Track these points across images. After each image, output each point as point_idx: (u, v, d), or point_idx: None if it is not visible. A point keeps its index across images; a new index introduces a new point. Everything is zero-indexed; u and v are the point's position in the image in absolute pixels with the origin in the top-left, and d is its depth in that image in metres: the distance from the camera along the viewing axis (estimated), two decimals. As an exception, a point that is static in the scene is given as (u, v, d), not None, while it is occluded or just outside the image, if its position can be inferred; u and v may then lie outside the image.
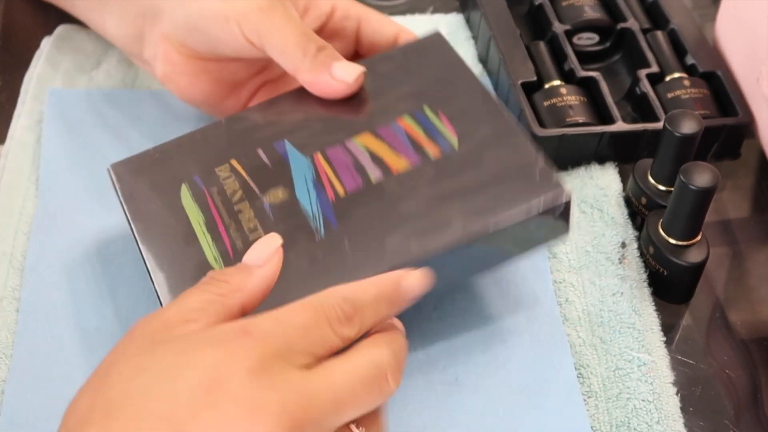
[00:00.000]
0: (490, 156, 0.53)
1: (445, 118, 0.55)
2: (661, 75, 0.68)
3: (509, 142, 0.53)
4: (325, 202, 0.53)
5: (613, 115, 0.65)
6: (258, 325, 0.42)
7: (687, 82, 0.67)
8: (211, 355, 0.41)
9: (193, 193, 0.55)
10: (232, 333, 0.42)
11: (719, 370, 0.57)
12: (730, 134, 0.65)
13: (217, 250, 0.52)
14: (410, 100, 0.57)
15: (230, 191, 0.55)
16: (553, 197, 0.51)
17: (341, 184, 0.54)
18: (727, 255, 0.63)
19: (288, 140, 0.56)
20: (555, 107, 0.65)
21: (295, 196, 0.54)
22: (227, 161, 0.56)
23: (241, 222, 0.53)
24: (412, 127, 0.55)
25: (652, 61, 0.69)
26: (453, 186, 0.52)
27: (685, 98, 0.66)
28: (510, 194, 0.51)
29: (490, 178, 0.52)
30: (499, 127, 0.54)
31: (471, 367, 0.55)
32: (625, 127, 0.64)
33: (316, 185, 0.54)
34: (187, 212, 0.54)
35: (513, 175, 0.52)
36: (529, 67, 0.68)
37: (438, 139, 0.54)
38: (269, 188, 0.54)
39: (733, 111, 0.66)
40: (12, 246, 0.60)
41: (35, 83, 0.70)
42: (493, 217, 0.50)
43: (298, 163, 0.55)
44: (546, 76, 0.68)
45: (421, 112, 0.56)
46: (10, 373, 0.54)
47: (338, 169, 0.54)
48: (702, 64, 0.68)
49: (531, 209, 0.51)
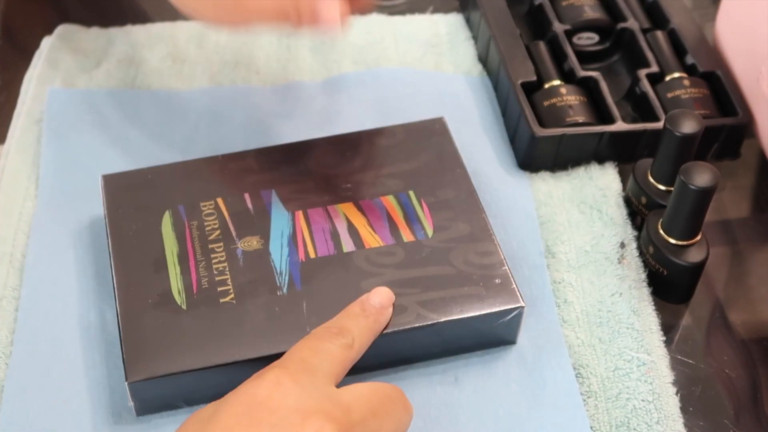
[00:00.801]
0: (458, 253, 0.56)
1: (426, 208, 0.58)
2: (661, 75, 0.68)
3: (480, 243, 0.56)
4: (294, 261, 0.55)
5: (613, 114, 0.65)
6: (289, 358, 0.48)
7: (687, 82, 0.67)
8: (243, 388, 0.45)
9: (174, 222, 0.57)
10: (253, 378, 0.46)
11: (719, 370, 0.57)
12: (730, 134, 0.65)
13: (183, 284, 0.54)
14: (399, 180, 0.59)
15: (209, 229, 0.57)
16: (507, 307, 0.53)
17: (314, 246, 0.56)
18: (727, 255, 0.63)
19: (276, 191, 0.59)
20: (555, 107, 0.65)
21: (268, 248, 0.56)
22: (214, 198, 0.58)
23: (212, 261, 0.55)
24: (393, 208, 0.58)
25: (652, 61, 0.69)
26: (416, 274, 0.55)
27: (685, 98, 0.66)
28: (466, 294, 0.54)
29: (452, 274, 0.55)
30: (474, 227, 0.57)
31: (471, 368, 0.55)
32: (625, 127, 0.64)
33: (290, 242, 0.56)
34: (164, 239, 0.56)
35: (475, 276, 0.54)
36: (529, 67, 0.68)
37: (415, 225, 0.57)
38: (246, 235, 0.56)
39: (733, 111, 0.66)
40: (12, 246, 0.60)
41: (35, 83, 0.70)
42: (445, 313, 0.53)
43: (279, 217, 0.57)
44: (546, 76, 0.68)
45: (405, 196, 0.59)
46: (9, 371, 0.54)
47: (315, 232, 0.57)
48: (702, 64, 0.68)
49: (483, 312, 0.53)
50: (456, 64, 0.73)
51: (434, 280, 0.54)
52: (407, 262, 0.55)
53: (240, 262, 0.55)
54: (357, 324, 0.51)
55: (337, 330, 0.49)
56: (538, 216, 0.62)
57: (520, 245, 0.60)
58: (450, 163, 0.60)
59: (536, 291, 0.58)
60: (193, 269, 0.55)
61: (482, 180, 0.64)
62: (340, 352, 0.48)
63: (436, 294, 0.54)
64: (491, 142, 0.67)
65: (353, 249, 0.56)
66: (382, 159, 0.61)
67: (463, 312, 0.53)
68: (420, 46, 0.74)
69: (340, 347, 0.48)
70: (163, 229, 0.57)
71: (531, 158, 0.64)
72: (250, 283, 0.54)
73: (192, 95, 0.70)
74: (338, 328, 0.50)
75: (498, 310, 0.53)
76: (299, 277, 0.54)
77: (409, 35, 0.75)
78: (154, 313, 0.53)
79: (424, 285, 0.54)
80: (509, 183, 0.64)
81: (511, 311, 0.53)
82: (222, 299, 0.53)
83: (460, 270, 0.55)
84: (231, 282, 0.54)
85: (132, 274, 0.55)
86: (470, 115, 0.69)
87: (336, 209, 0.58)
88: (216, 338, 0.52)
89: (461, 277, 0.54)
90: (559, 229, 0.62)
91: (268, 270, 0.55)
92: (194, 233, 0.57)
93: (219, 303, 0.53)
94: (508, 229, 0.61)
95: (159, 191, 0.59)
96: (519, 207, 0.63)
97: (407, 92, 0.70)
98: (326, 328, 0.50)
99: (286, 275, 0.54)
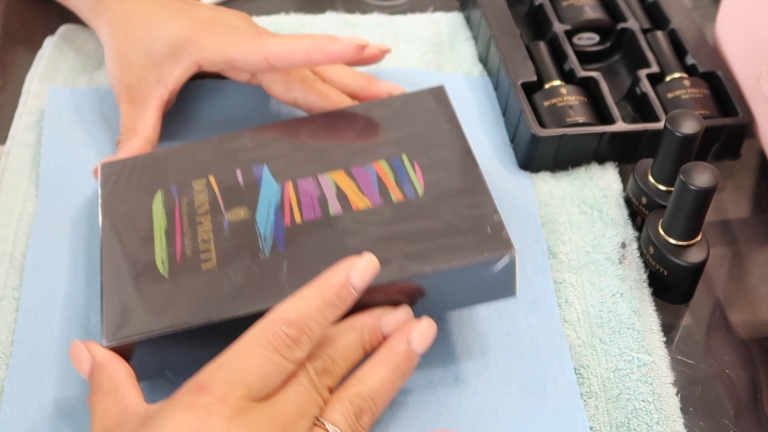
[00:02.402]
0: (449, 207, 0.53)
1: (418, 168, 0.56)
2: (661, 75, 0.68)
3: (471, 196, 0.54)
4: (279, 227, 0.54)
5: (613, 115, 0.65)
6: (211, 378, 0.44)
7: (687, 82, 0.67)
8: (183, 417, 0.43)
9: (165, 200, 0.57)
10: (191, 393, 0.44)
11: (719, 370, 0.57)
12: (730, 134, 0.65)
13: (167, 254, 0.54)
14: (393, 146, 0.58)
15: (198, 203, 0.57)
16: (497, 254, 0.50)
17: (300, 212, 0.55)
18: (727, 255, 0.63)
19: (267, 165, 0.58)
20: (555, 107, 0.65)
21: (254, 217, 0.55)
22: (206, 176, 0.58)
23: (197, 232, 0.55)
24: (385, 171, 0.56)
25: (652, 61, 0.69)
26: (404, 229, 0.52)
27: (685, 98, 0.66)
28: (454, 244, 0.51)
29: (441, 227, 0.52)
30: (467, 182, 0.55)
31: (471, 368, 0.55)
32: (625, 127, 0.64)
33: (277, 210, 0.55)
34: (154, 216, 0.56)
35: (464, 226, 0.52)
36: (529, 67, 0.68)
37: (405, 185, 0.55)
38: (234, 206, 0.56)
39: (733, 111, 0.66)
40: (12, 246, 0.60)
41: (37, 83, 0.70)
42: (431, 262, 0.50)
43: (268, 189, 0.57)
44: (546, 76, 0.68)
45: (398, 159, 0.57)
46: (10, 371, 0.54)
47: (302, 199, 0.55)
48: (702, 64, 0.68)
49: (471, 261, 0.50)
50: (456, 64, 0.73)
51: (420, 234, 0.52)
52: (394, 219, 0.53)
53: (226, 232, 0.55)
54: (324, 323, 0.46)
55: (296, 334, 0.45)
56: (539, 216, 0.62)
57: (523, 246, 0.60)
58: (446, 126, 0.59)
59: (539, 291, 0.58)
60: (178, 241, 0.55)
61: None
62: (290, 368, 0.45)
63: (423, 245, 0.51)
64: (491, 142, 0.67)
65: (340, 212, 0.54)
66: (377, 128, 0.60)
67: (449, 261, 0.50)
68: (421, 46, 0.74)
69: (293, 363, 0.45)
70: (154, 207, 0.57)
71: (531, 158, 0.64)
72: (232, 249, 0.53)
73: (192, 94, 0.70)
74: (298, 329, 0.45)
75: (487, 258, 0.50)
76: (283, 241, 0.53)
77: (409, 35, 0.75)
78: (136, 282, 0.53)
79: (410, 238, 0.51)
80: (510, 183, 0.64)
81: (501, 258, 0.50)
82: (203, 265, 0.53)
83: (449, 222, 0.52)
84: (214, 249, 0.54)
85: (119, 248, 0.55)
86: (470, 115, 0.69)
87: (326, 177, 0.57)
88: (193, 302, 0.51)
89: (450, 228, 0.52)
90: (560, 229, 0.62)
91: (252, 237, 0.54)
92: (183, 209, 0.57)
93: (200, 269, 0.53)
94: (510, 230, 0.61)
95: (153, 173, 0.59)
96: (521, 207, 0.63)
97: (408, 92, 0.70)
98: (283, 332, 0.45)
99: (270, 240, 0.54)
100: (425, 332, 0.50)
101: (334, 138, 0.59)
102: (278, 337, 0.45)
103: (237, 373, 0.44)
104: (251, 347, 0.45)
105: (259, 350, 0.45)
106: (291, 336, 0.45)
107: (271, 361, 0.44)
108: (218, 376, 0.44)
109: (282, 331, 0.45)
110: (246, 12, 0.66)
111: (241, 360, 0.44)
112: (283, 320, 0.45)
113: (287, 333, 0.45)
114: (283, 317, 0.46)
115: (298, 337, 0.45)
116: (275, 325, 0.45)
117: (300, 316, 0.46)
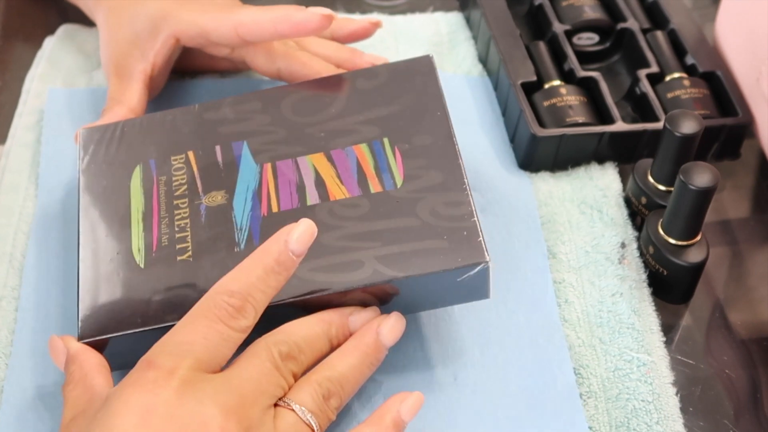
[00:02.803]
0: (426, 204, 0.53)
1: (399, 156, 0.55)
2: (660, 75, 0.68)
3: (450, 193, 0.53)
4: (255, 216, 0.54)
5: (612, 115, 0.65)
6: (159, 354, 0.45)
7: (687, 82, 0.67)
8: (132, 394, 0.43)
9: (143, 177, 0.57)
10: (140, 370, 0.44)
11: (719, 370, 0.57)
12: (730, 134, 0.65)
13: (144, 242, 0.54)
14: (375, 127, 0.57)
15: (176, 184, 0.56)
16: (471, 262, 0.50)
17: (278, 200, 0.54)
18: (727, 255, 0.63)
19: (247, 142, 0.57)
20: (555, 107, 0.65)
21: (231, 203, 0.55)
22: (185, 152, 0.58)
23: (175, 218, 0.55)
24: (365, 156, 0.56)
25: (652, 61, 0.69)
26: (379, 227, 0.52)
27: (685, 98, 0.66)
28: (429, 248, 0.51)
29: (416, 227, 0.52)
30: (447, 175, 0.54)
31: (470, 368, 0.55)
32: (625, 127, 0.64)
33: (254, 196, 0.55)
34: (132, 196, 0.56)
35: (440, 228, 0.51)
36: (529, 67, 0.68)
37: (384, 174, 0.55)
38: (212, 189, 0.56)
39: (732, 111, 0.66)
40: (12, 246, 0.60)
41: (37, 82, 0.70)
42: (405, 269, 0.50)
43: (247, 170, 0.56)
44: (546, 76, 0.68)
45: (379, 144, 0.56)
46: (9, 371, 0.54)
47: (281, 185, 0.55)
48: (702, 64, 0.68)
49: (445, 267, 0.50)
50: (456, 64, 0.73)
51: (396, 233, 0.51)
52: (371, 215, 0.53)
53: (202, 219, 0.55)
54: (267, 291, 0.47)
55: (240, 303, 0.46)
56: (539, 216, 0.62)
57: (523, 246, 0.60)
58: (431, 106, 0.58)
59: (538, 291, 0.58)
60: (155, 227, 0.55)
61: (483, 180, 0.64)
62: (236, 337, 0.46)
63: (397, 248, 0.51)
64: (491, 142, 0.67)
65: (317, 202, 0.54)
66: (360, 104, 0.59)
67: (422, 268, 0.50)
68: (421, 46, 0.74)
69: (238, 332, 0.46)
70: (132, 185, 0.57)
71: (531, 158, 0.64)
72: (208, 240, 0.53)
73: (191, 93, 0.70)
74: (241, 298, 0.46)
75: (459, 265, 0.50)
76: (258, 233, 0.53)
77: (409, 35, 0.75)
78: (112, 272, 0.53)
79: (385, 238, 0.51)
80: (510, 183, 0.64)
81: (474, 267, 0.50)
82: (179, 257, 0.53)
83: (425, 222, 0.52)
84: (190, 239, 0.54)
85: (96, 231, 0.55)
86: (470, 115, 0.69)
87: (305, 160, 0.56)
88: (168, 298, 0.51)
89: (425, 229, 0.51)
90: (560, 229, 0.61)
91: (228, 226, 0.54)
92: (161, 189, 0.56)
93: (176, 261, 0.53)
94: (510, 230, 0.61)
95: (132, 145, 0.59)
96: (521, 207, 0.63)
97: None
98: (226, 302, 0.46)
99: (246, 231, 0.53)
100: (394, 326, 0.50)
101: (317, 113, 0.59)
102: (221, 307, 0.46)
103: (183, 346, 0.45)
104: (196, 320, 0.46)
105: (204, 321, 0.45)
106: (234, 305, 0.46)
107: (217, 330, 0.45)
108: (165, 351, 0.44)
109: (224, 301, 0.46)
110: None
111: (187, 333, 0.45)
112: (225, 291, 0.46)
113: (230, 302, 0.46)
114: (225, 288, 0.46)
115: (242, 305, 0.46)
116: (217, 296, 0.46)
117: (242, 285, 0.46)
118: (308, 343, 0.49)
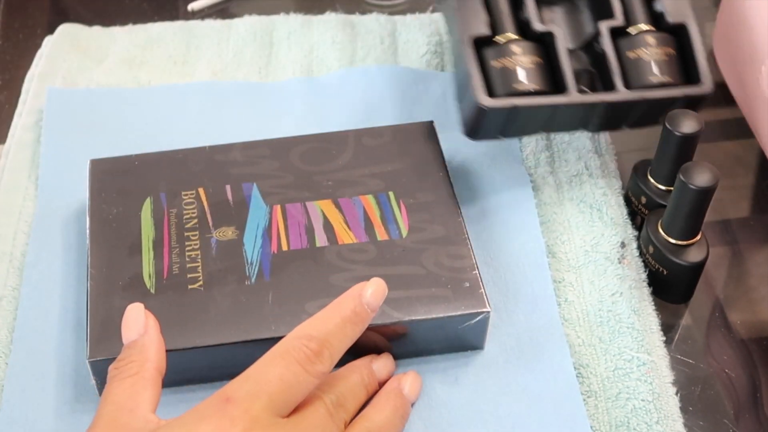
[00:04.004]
0: (430, 254, 0.56)
1: (404, 208, 0.58)
2: (624, 27, 0.62)
3: (453, 246, 0.56)
4: (266, 253, 0.56)
5: (567, 82, 0.59)
6: (237, 390, 0.44)
7: (651, 39, 0.61)
8: (207, 428, 0.42)
9: (154, 209, 0.58)
10: (216, 404, 0.44)
11: (719, 369, 0.57)
12: (688, 105, 0.60)
13: (154, 269, 0.55)
14: (380, 181, 0.60)
15: (187, 217, 0.57)
16: (473, 311, 0.53)
17: (287, 239, 0.56)
18: (727, 255, 0.63)
19: (257, 184, 0.59)
20: (506, 71, 0.59)
21: (242, 239, 0.56)
22: (195, 188, 0.59)
23: (186, 249, 0.56)
24: (371, 206, 0.58)
25: (617, 8, 0.62)
26: (386, 272, 0.54)
27: (646, 60, 0.61)
28: (434, 295, 0.54)
29: (422, 275, 0.55)
30: (449, 230, 0.57)
31: (471, 368, 0.55)
32: (579, 99, 0.59)
33: (264, 234, 0.56)
34: (142, 225, 0.57)
35: (444, 278, 0.54)
36: (482, 18, 0.61)
37: (390, 225, 0.57)
38: (222, 225, 0.57)
39: (695, 77, 0.61)
40: (12, 246, 0.60)
41: (36, 82, 0.70)
42: (411, 312, 0.53)
43: (257, 210, 0.58)
44: (500, 27, 0.61)
45: (385, 196, 0.59)
46: (9, 371, 0.54)
47: (290, 226, 0.57)
48: (671, 14, 0.62)
49: (449, 314, 0.53)
50: (456, 63, 0.73)
51: (403, 279, 0.54)
52: (378, 260, 0.55)
53: (213, 251, 0.56)
54: (344, 339, 0.47)
55: (318, 347, 0.46)
56: (538, 215, 0.62)
57: (522, 245, 0.60)
58: (433, 167, 0.61)
59: (538, 290, 0.58)
60: (166, 255, 0.55)
61: (483, 180, 0.64)
62: (312, 382, 0.45)
63: (403, 293, 0.54)
64: (491, 141, 0.67)
65: (326, 244, 0.56)
66: (366, 159, 0.61)
67: (428, 312, 0.53)
68: (421, 46, 0.74)
69: (315, 377, 0.46)
70: (143, 215, 0.58)
71: (478, 126, 0.60)
72: (219, 271, 0.55)
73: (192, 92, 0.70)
74: (319, 343, 0.46)
75: (463, 313, 0.53)
76: (269, 268, 0.55)
77: (409, 35, 0.75)
78: (122, 295, 0.54)
79: (392, 283, 0.53)
80: (510, 183, 0.64)
81: (477, 315, 0.53)
82: (190, 285, 0.54)
83: (429, 271, 0.55)
84: (201, 269, 0.55)
85: (107, 256, 0.56)
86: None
87: (314, 205, 0.58)
88: (179, 323, 0.52)
89: (430, 278, 0.54)
90: (559, 228, 0.61)
91: (239, 260, 0.55)
92: (172, 221, 0.57)
93: (187, 289, 0.54)
94: (510, 229, 0.61)
95: (143, 178, 0.60)
96: (520, 207, 0.63)
97: (408, 92, 0.70)
98: (305, 345, 0.46)
99: (256, 266, 0.55)
100: (413, 383, 0.53)
101: (324, 163, 0.61)
102: (299, 350, 0.46)
103: (260, 385, 0.44)
104: (273, 360, 0.46)
105: (281, 362, 0.45)
106: (312, 349, 0.46)
107: (293, 372, 0.45)
108: (244, 388, 0.44)
109: (303, 345, 0.46)
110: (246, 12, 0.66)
111: (264, 372, 0.45)
112: (304, 335, 0.46)
113: (308, 346, 0.46)
114: (304, 333, 0.47)
115: (320, 350, 0.46)
116: (296, 340, 0.46)
117: (320, 331, 0.47)
118: (350, 391, 0.50)
